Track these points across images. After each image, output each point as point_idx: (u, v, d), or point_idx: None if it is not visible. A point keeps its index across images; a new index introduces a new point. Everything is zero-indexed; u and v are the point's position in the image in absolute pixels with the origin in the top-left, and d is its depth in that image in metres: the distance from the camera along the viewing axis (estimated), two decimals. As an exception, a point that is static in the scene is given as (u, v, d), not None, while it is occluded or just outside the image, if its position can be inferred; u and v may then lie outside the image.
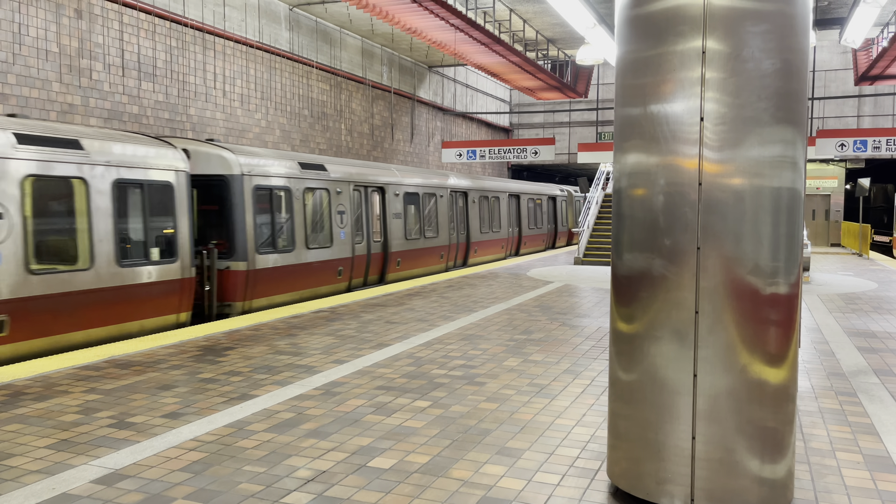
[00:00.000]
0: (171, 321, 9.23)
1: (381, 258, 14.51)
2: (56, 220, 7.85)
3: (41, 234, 7.60)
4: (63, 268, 7.78)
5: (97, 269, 8.12)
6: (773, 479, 3.32)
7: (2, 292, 7.06)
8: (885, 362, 6.73)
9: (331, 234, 12.59)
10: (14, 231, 7.20)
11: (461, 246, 18.55)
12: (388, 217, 14.75)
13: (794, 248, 3.33)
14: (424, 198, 16.47)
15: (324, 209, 12.51)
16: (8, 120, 7.62)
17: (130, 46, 13.25)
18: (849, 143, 21.16)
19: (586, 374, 6.20)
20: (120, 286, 8.41)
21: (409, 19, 15.30)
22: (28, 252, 7.35)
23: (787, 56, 3.25)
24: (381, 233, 14.60)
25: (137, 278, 8.66)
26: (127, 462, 4.04)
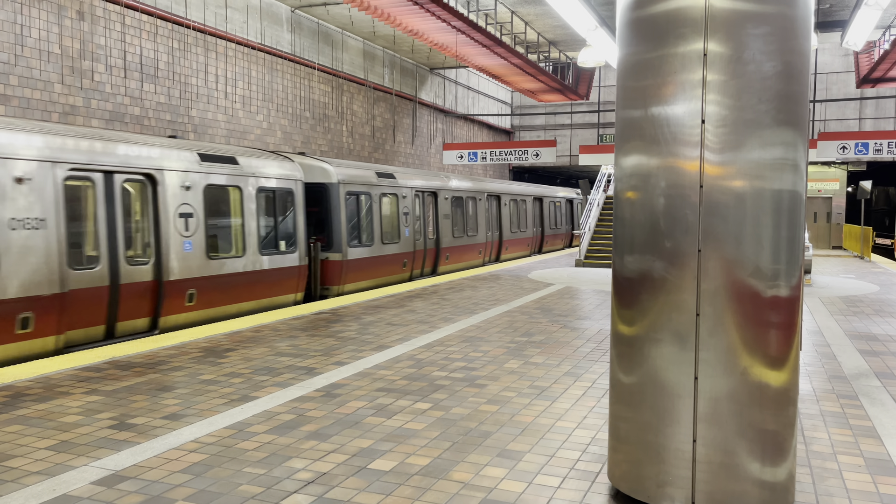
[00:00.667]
0: (291, 299, 11.48)
1: (434, 253, 16.85)
2: (222, 219, 10.16)
3: (213, 229, 9.95)
4: (227, 255, 10.12)
5: (247, 257, 10.44)
6: (773, 482, 3.31)
7: (192, 272, 9.37)
8: (887, 365, 6.72)
9: (399, 231, 14.95)
10: (199, 227, 9.54)
11: (495, 244, 20.80)
12: (440, 218, 17.10)
13: (796, 251, 3.33)
14: (467, 201, 18.83)
15: (393, 211, 14.88)
16: (190, 143, 10.06)
17: (132, 48, 13.27)
18: (850, 145, 21.14)
19: (587, 376, 6.19)
20: (260, 270, 10.70)
21: (411, 21, 15.31)
22: (207, 243, 9.63)
23: (788, 58, 3.25)
24: (434, 231, 16.88)
25: (271, 265, 10.93)
26: (127, 463, 4.04)
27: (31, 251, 7.36)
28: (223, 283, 9.94)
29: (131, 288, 8.60)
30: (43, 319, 7.44)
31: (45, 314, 7.47)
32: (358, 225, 13.45)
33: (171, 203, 9.16)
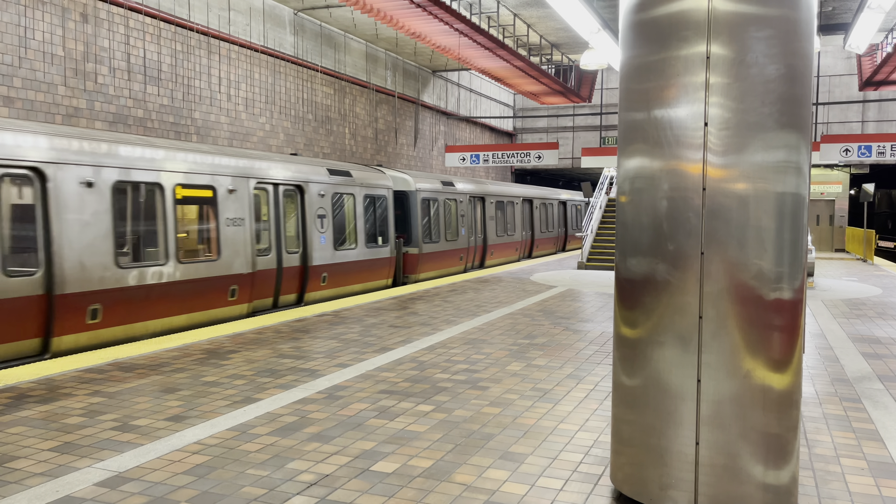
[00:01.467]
0: (383, 283, 14.69)
1: (483, 249, 20.00)
2: (342, 219, 13.23)
3: (337, 227, 12.95)
4: (346, 248, 13.16)
5: (358, 249, 13.51)
6: (777, 485, 3.31)
7: (325, 260, 12.39)
8: (890, 368, 6.71)
9: (457, 231, 18.06)
10: (329, 226, 12.58)
11: (527, 242, 24.03)
12: (487, 219, 20.18)
13: (799, 254, 3.32)
14: (507, 205, 21.95)
15: (454, 213, 17.95)
16: (320, 160, 13.11)
17: (136, 50, 13.31)
18: (853, 148, 21.12)
19: (590, 378, 6.19)
20: (366, 260, 13.79)
21: (414, 24, 15.33)
22: (334, 238, 12.69)
23: (791, 61, 3.25)
24: (482, 231, 20.00)
25: (372, 255, 14.02)
26: (130, 465, 4.05)
27: (237, 242, 10.32)
28: (344, 269, 13.10)
29: (289, 271, 11.61)
30: (242, 291, 10.43)
31: (244, 287, 10.43)
32: (429, 225, 16.52)
33: (312, 207, 12.18)
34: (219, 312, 10.01)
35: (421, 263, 16.01)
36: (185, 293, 9.44)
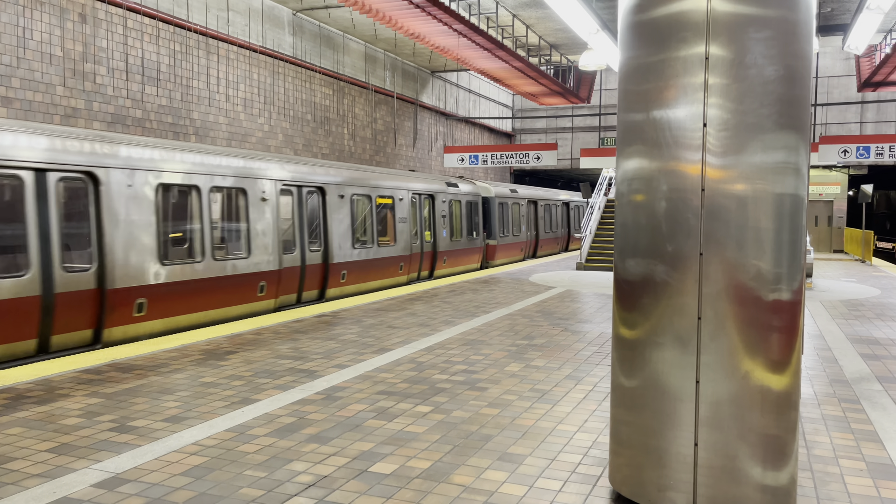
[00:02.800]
0: (475, 266, 19.55)
1: (535, 243, 25.26)
2: (454, 219, 17.85)
3: (451, 225, 17.73)
4: (456, 239, 17.90)
5: (462, 240, 18.47)
6: (775, 486, 3.30)
7: (447, 247, 17.17)
8: (888, 369, 6.71)
9: (520, 228, 23.23)
10: (447, 223, 17.38)
11: (564, 238, 28.93)
12: (539, 219, 25.44)
13: (797, 255, 3.32)
14: (551, 207, 27.12)
15: (517, 214, 23.02)
16: (438, 175, 17.87)
17: (134, 51, 13.30)
18: (852, 149, 21.14)
19: (588, 379, 6.18)
20: (466, 248, 18.81)
21: (413, 24, 15.33)
22: (450, 232, 17.56)
23: (790, 62, 3.25)
24: (535, 228, 25.14)
25: (470, 245, 19.05)
26: (128, 466, 4.04)
27: (410, 233, 15.72)
28: (454, 254, 18.08)
29: (429, 255, 16.57)
30: (409, 266, 15.48)
31: (411, 263, 15.61)
32: (502, 223, 21.52)
33: (439, 209, 17.19)
34: None
35: (497, 252, 21.21)
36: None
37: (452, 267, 17.93)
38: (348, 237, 13.14)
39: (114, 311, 8.37)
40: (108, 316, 8.28)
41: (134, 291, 8.64)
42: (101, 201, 8.28)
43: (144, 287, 8.79)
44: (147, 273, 8.81)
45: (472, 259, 19.31)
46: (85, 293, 8.11)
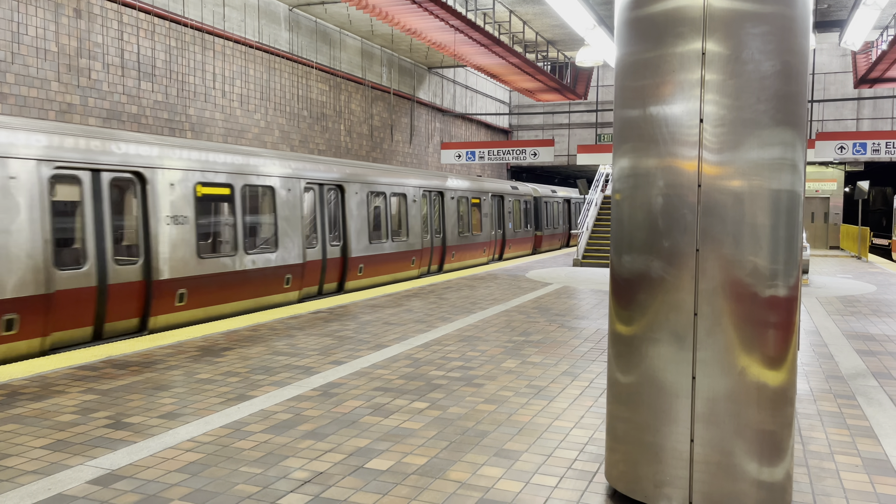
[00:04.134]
0: (529, 252, 24.37)
1: (567, 235, 29.91)
2: (517, 214, 23.13)
3: (515, 219, 23.16)
4: (518, 229, 23.17)
5: (521, 231, 23.52)
6: (771, 482, 3.31)
7: (514, 237, 22.75)
8: (884, 365, 6.72)
9: (559, 222, 28.19)
10: (513, 217, 22.85)
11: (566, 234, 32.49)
12: (571, 215, 30.57)
13: (794, 251, 3.32)
14: (578, 204, 31.64)
15: (555, 210, 27.64)
16: (501, 181, 22.83)
17: (129, 46, 13.25)
18: (848, 145, 21.17)
19: (585, 375, 6.19)
20: (525, 237, 23.78)
21: (409, 20, 15.30)
22: (513, 224, 22.80)
23: (786, 58, 3.24)
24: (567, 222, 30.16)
25: (526, 235, 23.97)
26: (123, 463, 4.03)
27: (486, 225, 20.76)
28: (517, 242, 23.15)
29: (499, 242, 21.34)
30: (491, 248, 20.68)
31: (492, 245, 20.57)
32: (546, 217, 26.47)
33: (508, 207, 22.04)
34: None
35: (542, 242, 26.10)
36: None
37: (516, 251, 23.27)
38: (456, 229, 18.69)
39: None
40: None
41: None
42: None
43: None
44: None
45: (526, 246, 24.24)
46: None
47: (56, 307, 7.72)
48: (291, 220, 11.52)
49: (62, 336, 7.89)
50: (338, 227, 13.14)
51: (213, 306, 10.00)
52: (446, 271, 17.66)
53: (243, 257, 10.50)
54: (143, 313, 8.91)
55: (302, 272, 11.82)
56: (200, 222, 9.83)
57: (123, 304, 8.61)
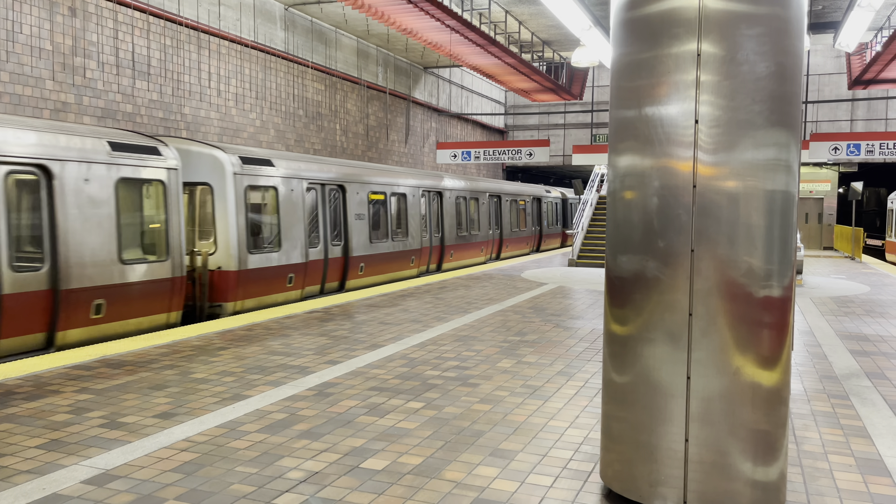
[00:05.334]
0: (557, 245, 28.88)
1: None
2: (549, 213, 27.88)
3: (548, 217, 27.88)
4: (550, 227, 27.96)
5: (551, 226, 27.93)
6: (765, 481, 3.32)
7: (546, 232, 27.58)
8: (878, 365, 6.75)
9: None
10: (547, 216, 27.62)
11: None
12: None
13: (788, 251, 3.33)
14: None
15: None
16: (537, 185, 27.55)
17: (125, 45, 13.21)
18: (842, 146, 21.24)
19: (580, 375, 6.20)
20: (555, 233, 28.35)
21: (405, 20, 15.29)
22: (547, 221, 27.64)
23: (781, 59, 3.26)
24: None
25: (554, 231, 28.37)
26: (118, 462, 4.02)
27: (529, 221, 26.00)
28: (549, 237, 27.10)
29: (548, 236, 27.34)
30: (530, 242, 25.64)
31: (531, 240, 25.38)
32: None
33: (543, 207, 26.40)
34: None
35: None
36: None
37: (546, 246, 26.84)
38: (510, 224, 23.04)
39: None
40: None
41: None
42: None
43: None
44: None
45: (555, 241, 28.18)
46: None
47: None
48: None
49: None
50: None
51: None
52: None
53: None
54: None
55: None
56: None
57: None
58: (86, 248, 7.97)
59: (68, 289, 7.72)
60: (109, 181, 8.37)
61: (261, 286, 10.84)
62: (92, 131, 8.48)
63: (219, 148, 10.56)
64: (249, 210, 10.76)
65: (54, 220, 7.66)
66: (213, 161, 10.42)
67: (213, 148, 10.53)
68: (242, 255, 10.49)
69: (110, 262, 8.25)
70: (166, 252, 9.16)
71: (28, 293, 7.39)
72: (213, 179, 10.41)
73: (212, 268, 10.31)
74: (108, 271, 8.24)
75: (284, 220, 11.44)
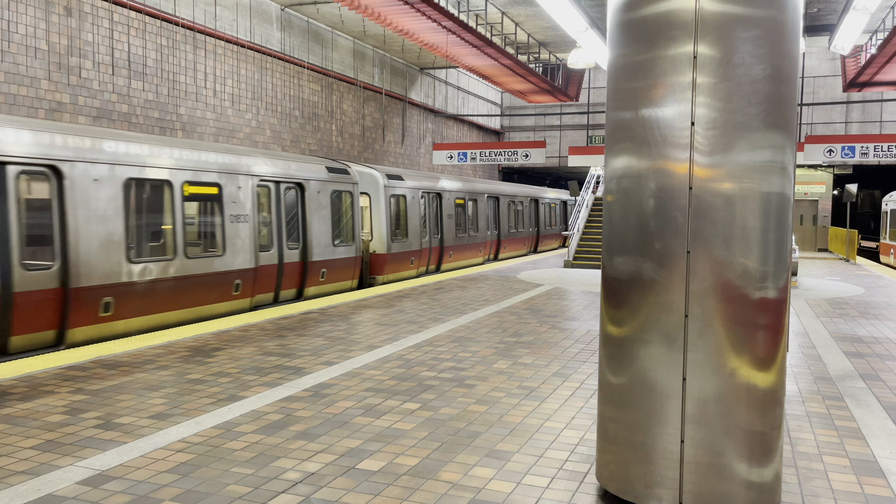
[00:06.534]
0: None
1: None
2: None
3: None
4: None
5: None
6: (760, 482, 3.33)
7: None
8: (872, 367, 6.78)
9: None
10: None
11: None
12: None
13: (783, 253, 3.35)
14: None
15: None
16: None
17: (120, 45, 13.19)
18: (837, 148, 21.31)
19: (576, 377, 6.21)
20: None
21: (401, 21, 15.29)
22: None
23: (777, 62, 3.27)
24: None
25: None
26: (113, 463, 4.01)
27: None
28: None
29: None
30: None
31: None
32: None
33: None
34: None
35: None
36: None
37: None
38: None
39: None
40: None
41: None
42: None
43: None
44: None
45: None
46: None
47: None
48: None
49: None
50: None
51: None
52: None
53: None
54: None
55: None
56: None
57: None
58: (318, 238, 12.39)
59: (312, 261, 12.21)
60: (328, 192, 12.77)
61: (397, 265, 15.44)
62: (314, 160, 13.02)
63: (374, 168, 15.27)
64: (391, 211, 15.23)
65: (306, 220, 12.18)
66: (372, 177, 14.98)
67: (371, 168, 15.25)
68: (388, 243, 14.99)
69: (328, 245, 12.56)
70: (352, 239, 13.42)
71: (293, 263, 11.90)
72: (371, 190, 14.87)
73: (371, 251, 14.76)
74: (330, 251, 12.72)
75: (410, 219, 16.07)
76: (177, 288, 9.17)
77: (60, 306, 7.78)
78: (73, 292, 7.83)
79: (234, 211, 10.27)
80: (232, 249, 10.21)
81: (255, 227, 10.69)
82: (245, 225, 10.49)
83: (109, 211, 8.32)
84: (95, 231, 8.11)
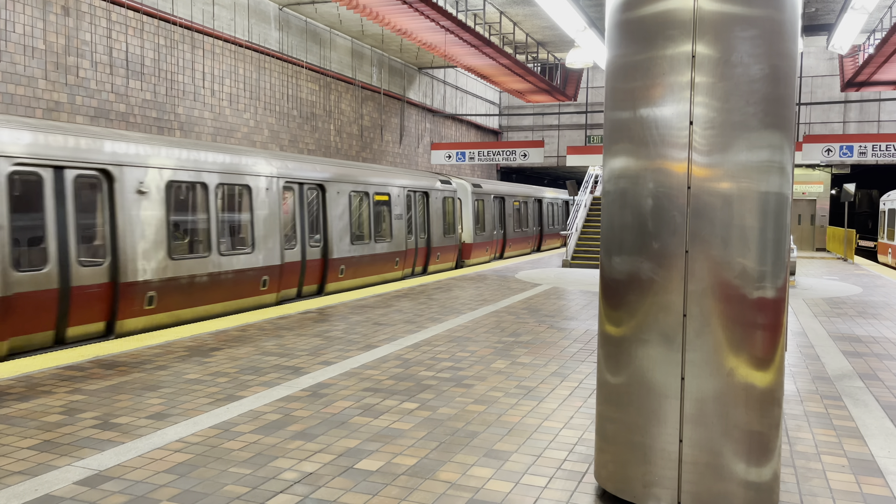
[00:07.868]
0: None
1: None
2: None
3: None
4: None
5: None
6: (758, 482, 3.33)
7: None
8: (870, 366, 6.78)
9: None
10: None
11: None
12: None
13: (782, 253, 3.35)
14: None
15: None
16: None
17: (118, 44, 13.17)
18: (835, 148, 21.34)
19: (574, 376, 6.21)
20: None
21: (400, 20, 15.29)
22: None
23: (775, 61, 3.27)
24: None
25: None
26: (111, 463, 4.00)
27: None
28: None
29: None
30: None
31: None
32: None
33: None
34: None
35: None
36: None
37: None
38: None
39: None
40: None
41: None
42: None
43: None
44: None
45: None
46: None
47: None
48: None
49: None
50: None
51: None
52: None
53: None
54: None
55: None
56: None
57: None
58: (436, 231, 17.52)
59: (433, 247, 17.45)
60: (440, 198, 17.96)
61: (479, 253, 20.36)
62: (428, 175, 17.84)
63: (464, 179, 20.23)
64: (475, 212, 20.20)
65: (429, 217, 17.29)
66: (462, 186, 19.90)
67: (462, 179, 20.16)
68: (474, 235, 20.09)
69: (441, 236, 17.78)
70: (454, 231, 18.65)
71: (422, 249, 17.05)
72: (462, 196, 19.85)
73: (462, 241, 19.21)
74: (441, 240, 17.85)
75: (486, 217, 21.03)
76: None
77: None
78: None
79: (397, 211, 15.31)
80: (394, 237, 15.23)
81: (405, 222, 15.72)
82: (399, 222, 15.44)
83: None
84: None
